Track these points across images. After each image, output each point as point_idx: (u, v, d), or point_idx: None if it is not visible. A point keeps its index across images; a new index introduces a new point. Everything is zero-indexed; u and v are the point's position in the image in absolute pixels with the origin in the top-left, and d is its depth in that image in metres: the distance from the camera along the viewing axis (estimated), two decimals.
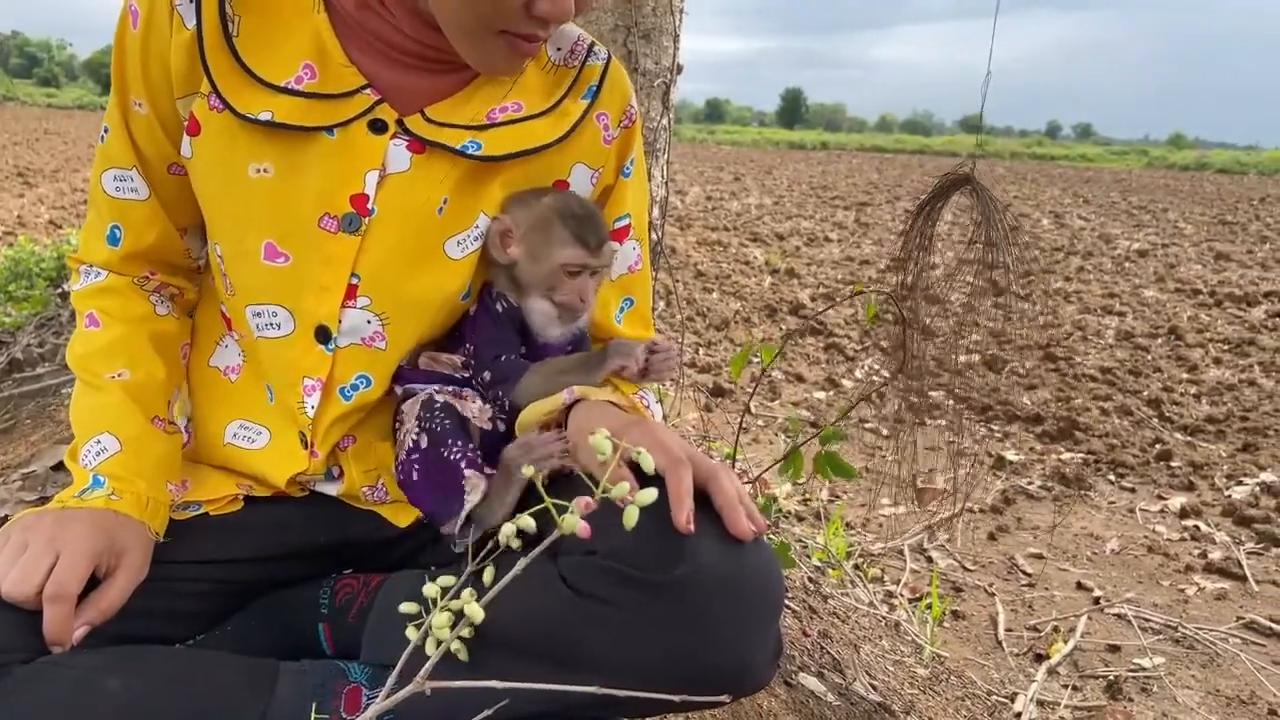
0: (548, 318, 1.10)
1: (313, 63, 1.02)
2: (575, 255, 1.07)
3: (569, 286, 1.08)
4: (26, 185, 10.84)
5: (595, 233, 1.08)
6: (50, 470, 1.82)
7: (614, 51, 2.12)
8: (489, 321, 1.11)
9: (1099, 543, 2.96)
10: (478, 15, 0.95)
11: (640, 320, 1.25)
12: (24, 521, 0.93)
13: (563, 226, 1.07)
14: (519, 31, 0.97)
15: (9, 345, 3.16)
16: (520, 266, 1.09)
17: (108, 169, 1.09)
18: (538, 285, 1.09)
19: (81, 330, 1.11)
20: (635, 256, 1.23)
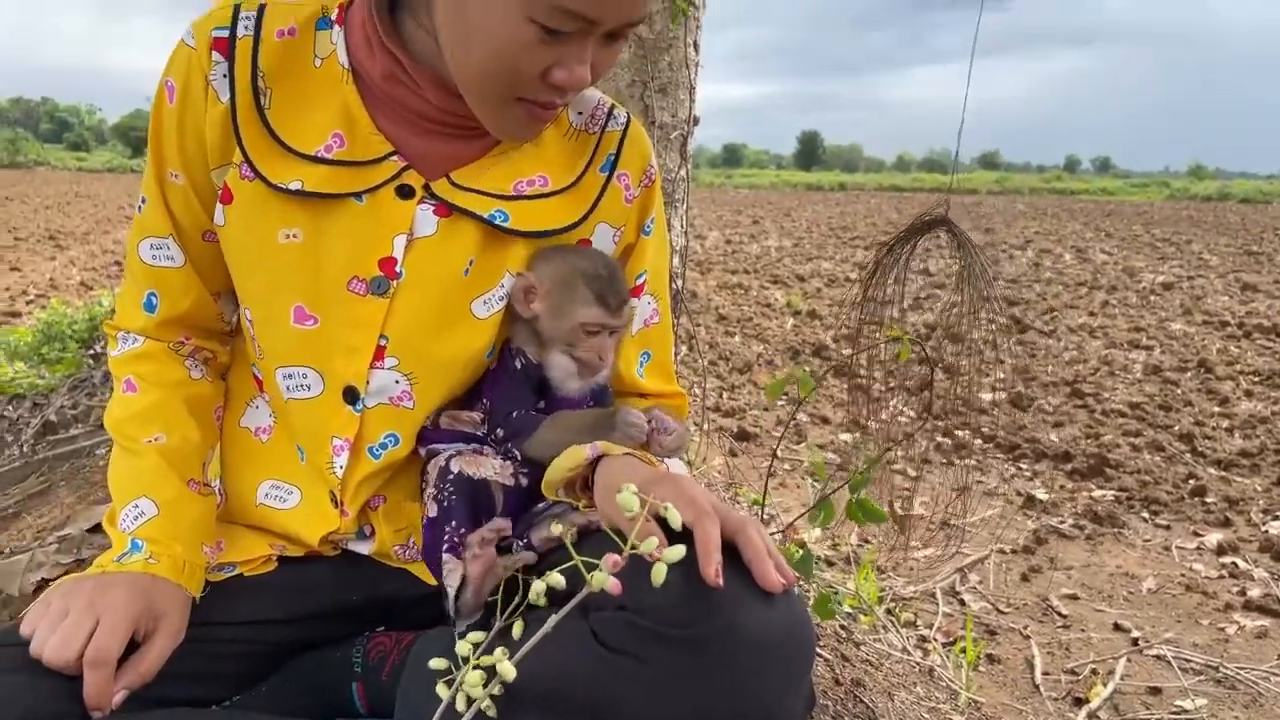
0: (567, 373, 1.12)
1: (341, 132, 1.05)
2: (595, 315, 1.10)
3: (588, 345, 1.11)
4: (58, 248, 11.05)
5: (616, 293, 1.11)
6: (85, 533, 1.84)
7: (631, 106, 2.16)
8: (506, 378, 1.13)
9: (1135, 582, 2.92)
10: (497, 84, 0.97)
11: (661, 372, 1.27)
12: (64, 587, 0.95)
13: (585, 286, 1.09)
14: (537, 99, 0.99)
15: (43, 407, 3.21)
16: (542, 322, 1.11)
17: (144, 238, 1.12)
18: (558, 341, 1.11)
19: (119, 395, 1.13)
20: (652, 310, 1.25)
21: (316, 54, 1.08)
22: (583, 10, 0.91)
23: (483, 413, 1.14)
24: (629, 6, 0.94)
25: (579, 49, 0.95)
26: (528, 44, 0.93)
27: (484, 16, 0.93)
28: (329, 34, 1.08)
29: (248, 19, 1.07)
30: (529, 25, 0.91)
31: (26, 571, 1.73)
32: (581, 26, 0.93)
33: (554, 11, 0.90)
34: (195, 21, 1.07)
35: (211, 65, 1.05)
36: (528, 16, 0.91)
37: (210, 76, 1.05)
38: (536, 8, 0.90)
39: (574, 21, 0.92)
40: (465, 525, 1.05)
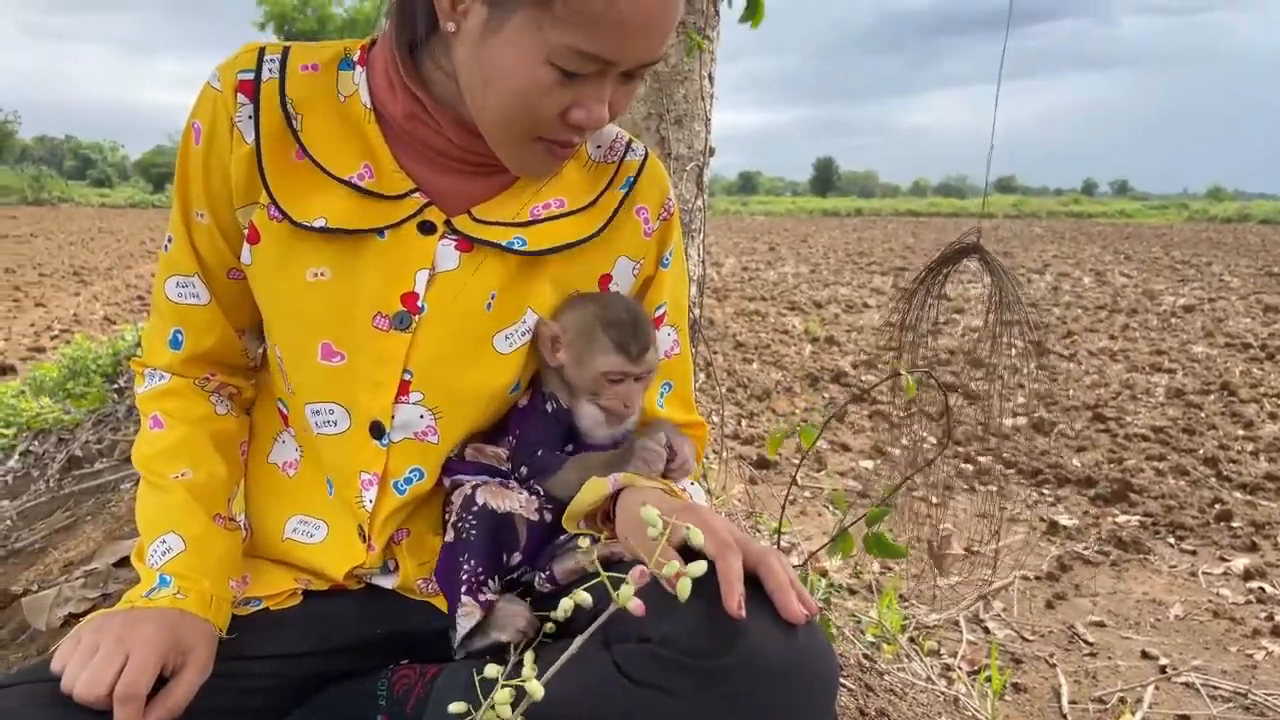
0: (595, 421, 1.14)
1: (369, 164, 1.08)
2: (615, 363, 1.10)
3: (612, 393, 1.12)
4: (82, 283, 11.18)
5: (637, 340, 1.11)
6: (111, 567, 1.86)
7: (647, 139, 2.18)
8: (536, 418, 1.14)
9: (1162, 608, 2.89)
10: (516, 125, 0.99)
11: (680, 403, 1.28)
12: (94, 623, 0.96)
13: (604, 334, 1.10)
14: (556, 138, 1.01)
15: (69, 442, 3.24)
16: (567, 370, 1.12)
17: (171, 276, 1.14)
18: (584, 389, 1.12)
19: (146, 432, 1.15)
20: (672, 342, 1.26)
21: (340, 92, 1.10)
22: (600, 53, 0.92)
23: (508, 449, 1.14)
24: (646, 48, 0.95)
25: (597, 89, 0.97)
26: (546, 86, 0.95)
27: (502, 59, 0.95)
28: (351, 75, 1.11)
29: (272, 61, 1.09)
30: (547, 68, 0.93)
31: (54, 606, 1.75)
32: (599, 68, 0.95)
33: (572, 54, 0.92)
34: (220, 65, 1.10)
35: (237, 107, 1.07)
36: (546, 59, 0.93)
37: (235, 118, 1.07)
38: (554, 51, 0.92)
39: (591, 64, 0.93)
40: (483, 563, 1.05)
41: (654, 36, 0.95)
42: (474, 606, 1.03)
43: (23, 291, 10.29)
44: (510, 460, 1.14)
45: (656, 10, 0.92)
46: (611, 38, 0.91)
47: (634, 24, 0.91)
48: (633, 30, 0.92)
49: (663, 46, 0.98)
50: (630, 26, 0.91)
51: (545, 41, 0.92)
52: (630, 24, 0.91)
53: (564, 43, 0.91)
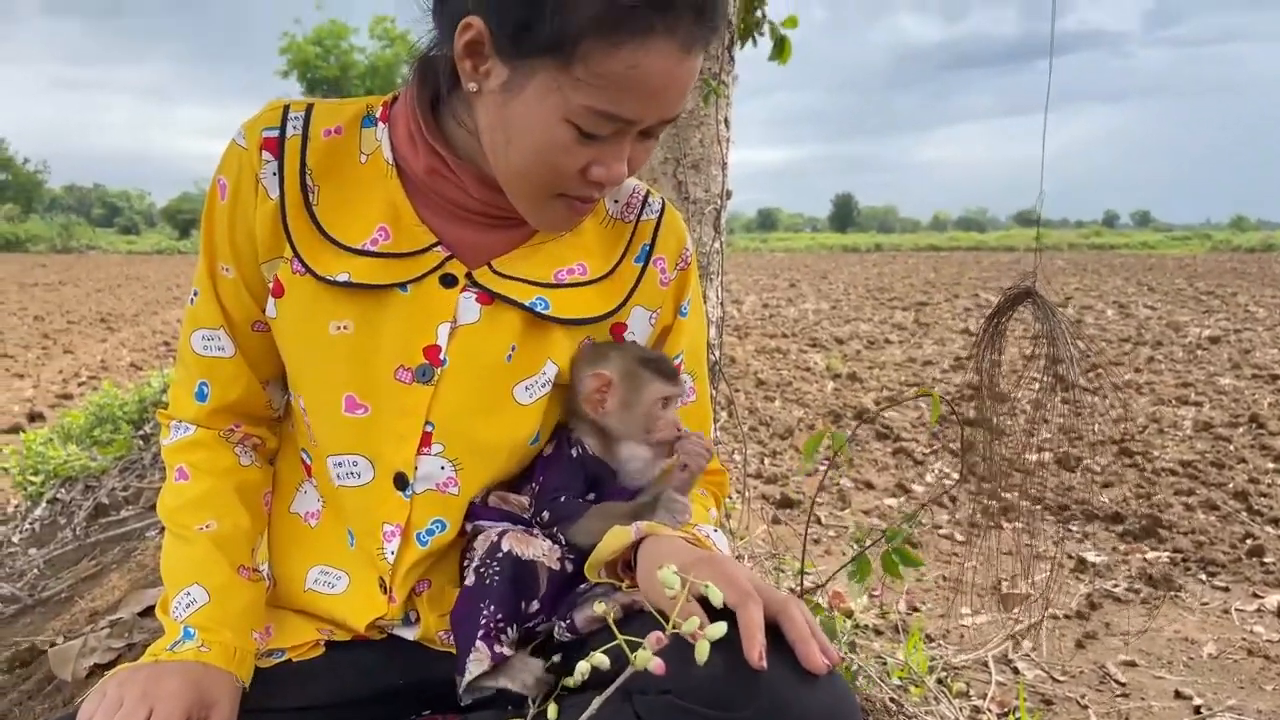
0: (644, 462, 1.18)
1: (387, 224, 1.09)
2: (663, 389, 1.15)
3: (664, 420, 1.16)
4: (109, 330, 11.33)
5: (670, 365, 1.18)
6: (137, 616, 1.87)
7: (665, 183, 2.20)
8: (561, 464, 1.15)
9: (1194, 647, 2.84)
10: (537, 182, 1.01)
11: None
12: (119, 677, 0.97)
13: (644, 369, 1.15)
14: (576, 195, 1.03)
15: (95, 490, 3.27)
16: (613, 418, 1.15)
17: (196, 329, 1.16)
18: (634, 431, 1.16)
19: (171, 484, 1.16)
20: (689, 389, 1.28)
21: (362, 150, 1.12)
22: (619, 113, 0.94)
23: (531, 496, 1.15)
24: (664, 108, 0.97)
25: (616, 147, 0.99)
26: (566, 144, 0.96)
27: (523, 119, 0.96)
28: (374, 131, 1.13)
29: (296, 119, 1.12)
30: (567, 127, 0.95)
31: (79, 657, 1.76)
32: (618, 127, 0.96)
33: (591, 115, 0.94)
34: (246, 122, 1.12)
35: (262, 164, 1.10)
36: (565, 119, 0.95)
37: (260, 174, 1.10)
38: (574, 111, 0.94)
39: (611, 123, 0.95)
40: (503, 610, 1.05)
41: (672, 97, 0.96)
42: (485, 654, 1.03)
43: (51, 339, 10.43)
44: (533, 507, 1.14)
45: (674, 72, 0.94)
46: (630, 99, 0.93)
47: (653, 86, 0.93)
48: (651, 92, 0.94)
49: (681, 105, 1.00)
50: (649, 88, 0.93)
51: (565, 102, 0.93)
52: (649, 86, 0.93)
53: (583, 103, 0.93)
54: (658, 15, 0.90)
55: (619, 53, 0.90)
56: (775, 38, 2.48)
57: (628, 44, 0.90)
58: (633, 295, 1.18)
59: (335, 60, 39.18)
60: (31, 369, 8.42)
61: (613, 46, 0.90)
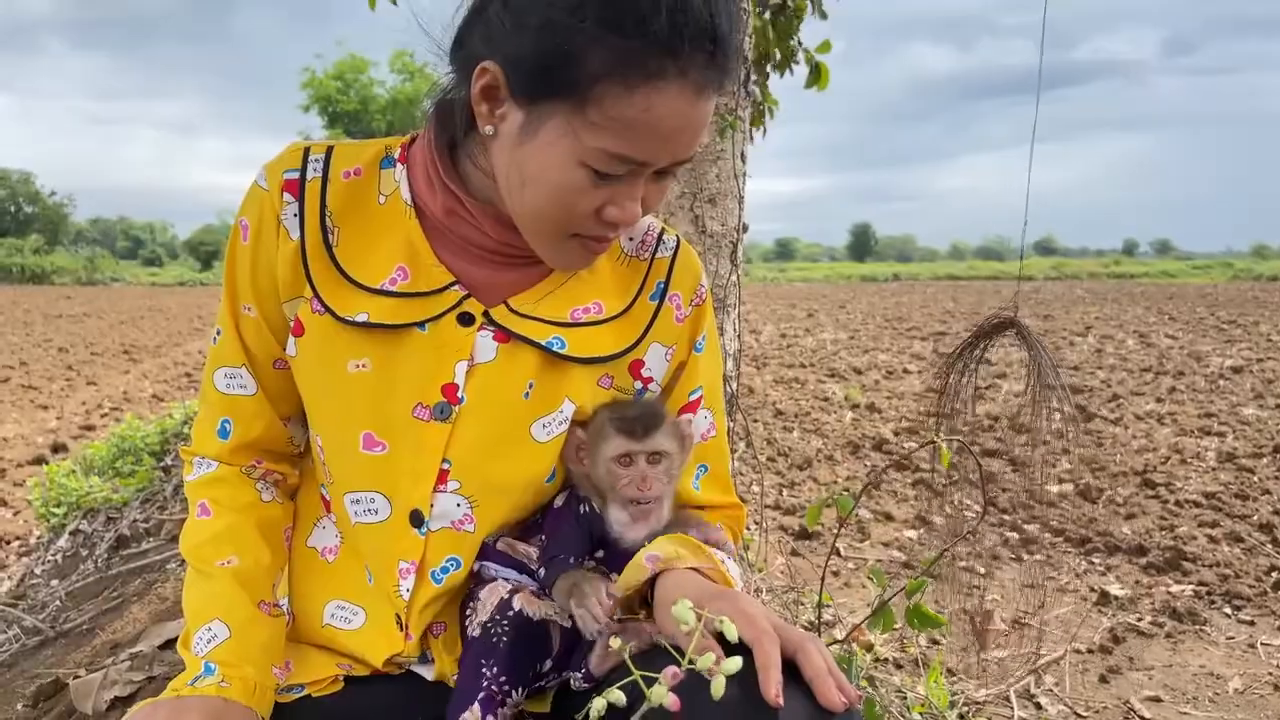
0: (623, 524, 1.12)
1: (405, 264, 1.11)
2: (619, 445, 1.10)
3: (626, 477, 1.11)
4: (132, 361, 11.43)
5: (643, 424, 1.11)
6: (157, 649, 1.88)
7: (682, 217, 2.22)
8: (567, 522, 1.15)
9: (1220, 682, 2.80)
10: (552, 222, 1.03)
11: (718, 484, 1.29)
12: (141, 713, 0.98)
13: (610, 425, 1.12)
14: (591, 234, 1.04)
15: (117, 521, 3.29)
16: (591, 474, 1.14)
17: (219, 368, 1.18)
18: (606, 488, 1.12)
19: (193, 521, 1.17)
20: (709, 425, 1.28)
21: (381, 192, 1.14)
22: (633, 155, 0.95)
23: (540, 547, 1.15)
24: (677, 149, 0.98)
25: (630, 188, 1.00)
26: (581, 186, 0.98)
27: (538, 162, 0.98)
28: (392, 172, 1.15)
29: (316, 161, 1.14)
30: (582, 169, 0.97)
31: (100, 690, 1.76)
32: (632, 169, 0.98)
33: (605, 157, 0.95)
34: (268, 164, 1.15)
35: (283, 205, 1.12)
36: (580, 161, 0.96)
37: (281, 216, 1.12)
38: (588, 153, 0.95)
39: (624, 165, 0.96)
40: (507, 672, 1.04)
41: (686, 139, 0.98)
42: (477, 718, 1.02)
43: (75, 370, 10.54)
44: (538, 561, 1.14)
45: (688, 114, 0.95)
46: (644, 141, 0.95)
47: (666, 128, 0.94)
48: (665, 134, 0.95)
49: (694, 147, 1.01)
50: (663, 131, 0.94)
51: (580, 144, 0.95)
52: (663, 128, 0.94)
53: (598, 146, 0.94)
54: (670, 59, 0.91)
55: (632, 96, 0.92)
56: (811, 64, 2.50)
57: (641, 87, 0.91)
58: (648, 332, 1.19)
59: (355, 94, 39.61)
60: (55, 400, 8.51)
61: (626, 90, 0.91)
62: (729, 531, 1.29)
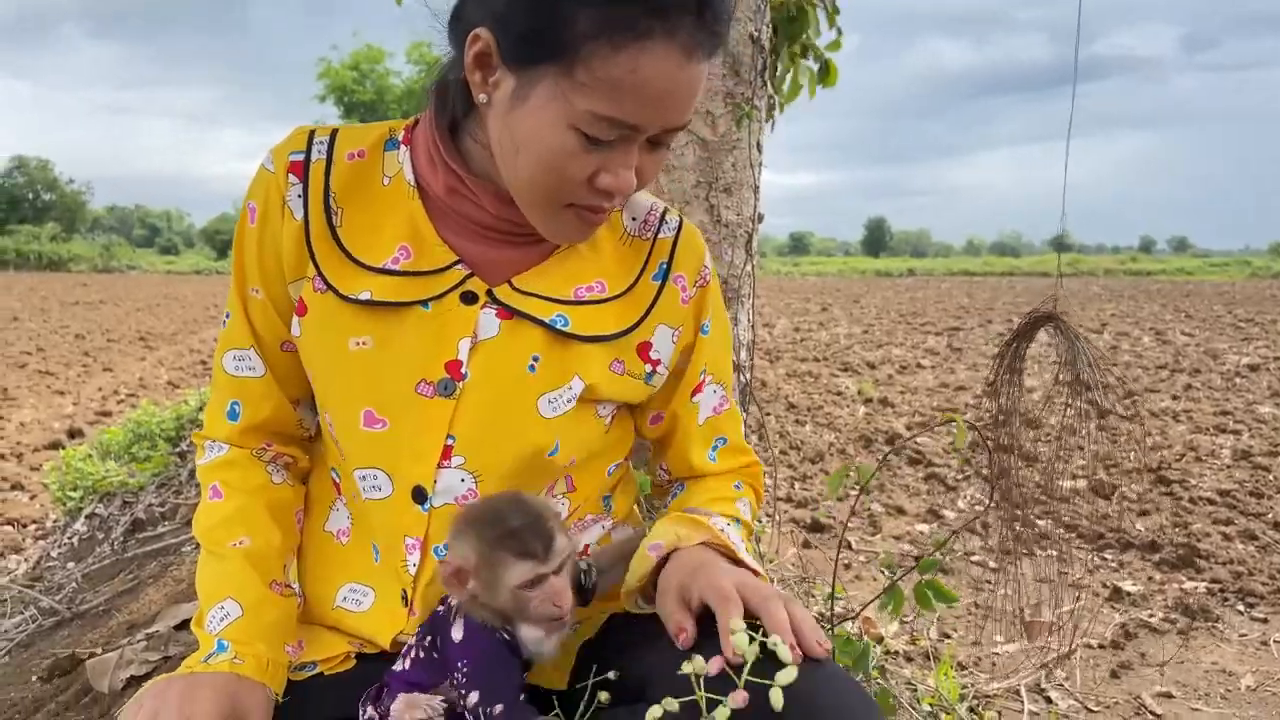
0: (538, 642, 1.03)
1: (408, 244, 1.12)
2: (526, 571, 0.98)
3: (538, 599, 0.99)
4: (148, 349, 11.50)
5: (540, 538, 0.99)
6: (172, 630, 1.89)
7: (697, 207, 2.22)
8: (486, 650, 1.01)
9: (1232, 679, 2.79)
10: (546, 191, 1.03)
11: (734, 451, 1.32)
12: (156, 688, 0.99)
13: (504, 550, 0.98)
14: (585, 204, 1.04)
15: (133, 505, 3.32)
16: (483, 599, 1.01)
17: (228, 350, 1.19)
18: (512, 611, 1.01)
19: (205, 503, 1.19)
20: (719, 399, 1.29)
21: (384, 173, 1.15)
22: (622, 118, 0.95)
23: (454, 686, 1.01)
24: (668, 114, 0.98)
25: (623, 155, 1.00)
26: (572, 151, 0.98)
27: (530, 127, 0.98)
28: (396, 154, 1.16)
29: (321, 143, 1.15)
30: (572, 133, 0.96)
31: (116, 669, 1.78)
32: (623, 133, 0.97)
33: (595, 120, 0.95)
34: (274, 148, 1.16)
35: (288, 186, 1.13)
36: (570, 125, 0.96)
37: (286, 197, 1.13)
38: (578, 117, 0.95)
39: (615, 129, 0.96)
40: None
41: (676, 103, 0.97)
42: None
43: (91, 356, 10.61)
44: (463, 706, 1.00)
45: (676, 77, 0.94)
46: (632, 103, 0.94)
47: (654, 90, 0.94)
48: (653, 96, 0.94)
49: (687, 113, 1.00)
50: (650, 92, 0.94)
51: (569, 107, 0.95)
52: (650, 90, 0.94)
53: (587, 108, 0.94)
54: (658, 19, 0.91)
55: (619, 56, 0.91)
56: (820, 61, 2.50)
57: (628, 47, 0.91)
58: (651, 313, 1.19)
59: (371, 85, 39.65)
60: (72, 386, 8.57)
61: (613, 50, 0.91)
62: (750, 490, 1.32)
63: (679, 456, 1.30)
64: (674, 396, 1.28)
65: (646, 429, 1.31)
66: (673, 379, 1.27)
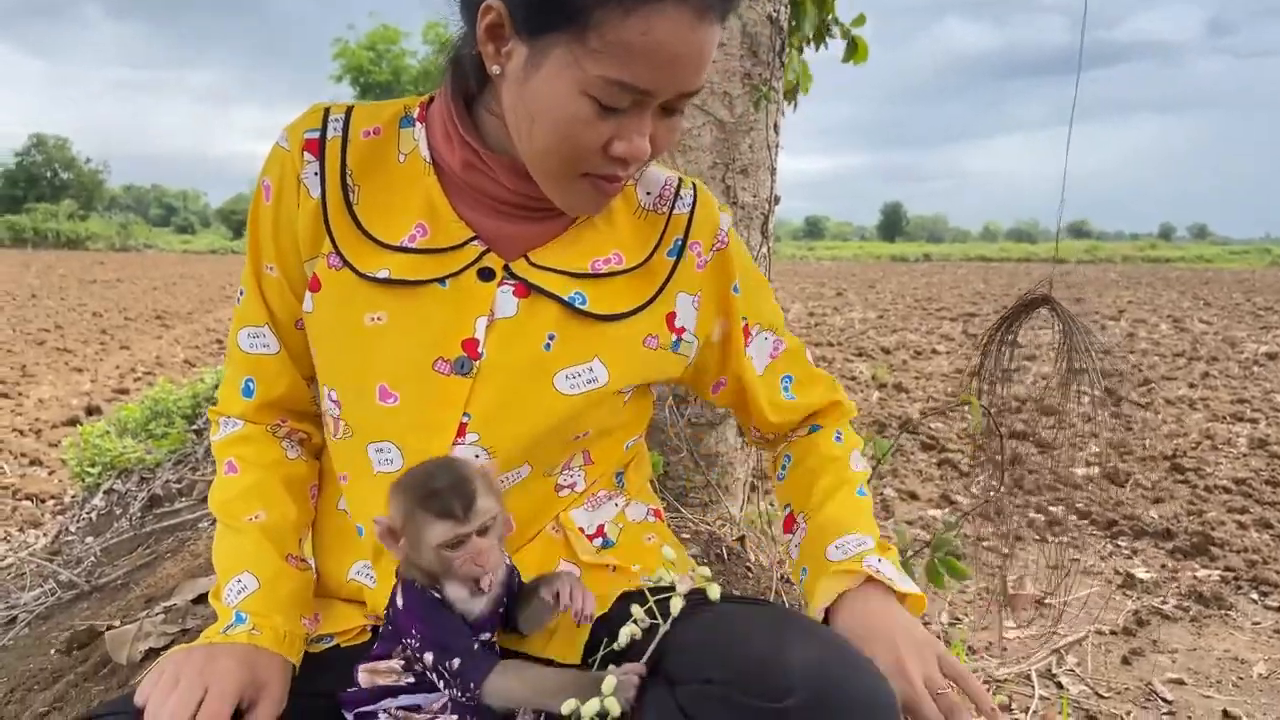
0: (465, 601, 1.04)
1: (425, 221, 1.12)
2: (445, 530, 1.00)
3: (460, 558, 1.01)
4: (164, 327, 11.56)
5: (461, 498, 1.00)
6: (190, 603, 1.91)
7: (713, 188, 2.21)
8: (428, 611, 1.04)
9: (1244, 666, 2.78)
10: (560, 160, 1.02)
11: (806, 384, 1.33)
12: (175, 657, 1.00)
13: (425, 509, 1.00)
14: (600, 173, 1.04)
15: (150, 481, 3.34)
16: (411, 556, 1.04)
17: (243, 327, 1.20)
18: (439, 570, 1.03)
19: (221, 477, 1.20)
20: (772, 343, 1.30)
21: (400, 150, 1.15)
22: (635, 83, 0.95)
23: (410, 651, 1.05)
24: (681, 79, 0.97)
25: (636, 122, 1.00)
26: (586, 119, 0.98)
27: (543, 95, 0.98)
28: (411, 131, 1.16)
29: (336, 121, 1.15)
30: (585, 100, 0.96)
31: (135, 641, 1.80)
32: (636, 99, 0.97)
33: (607, 86, 0.95)
34: (288, 125, 1.16)
35: (304, 164, 1.13)
36: (583, 92, 0.96)
37: (302, 175, 1.13)
38: (590, 83, 0.95)
39: (628, 94, 0.96)
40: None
41: (687, 67, 0.97)
42: None
43: (109, 334, 10.67)
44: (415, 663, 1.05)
45: (688, 39, 0.94)
46: (644, 67, 0.94)
47: (666, 54, 0.94)
48: (665, 60, 0.94)
49: (699, 77, 1.00)
50: (663, 56, 0.94)
51: (582, 74, 0.95)
52: (662, 54, 0.93)
53: (599, 74, 0.94)
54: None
55: (630, 19, 0.91)
56: (847, 38, 2.48)
57: (639, 10, 0.91)
58: (668, 285, 1.19)
59: (387, 65, 39.60)
60: (89, 364, 8.63)
61: (624, 13, 0.91)
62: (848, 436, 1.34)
63: (758, 413, 1.31)
64: (728, 361, 1.28)
65: (712, 396, 1.33)
66: (720, 345, 1.27)
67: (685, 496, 2.48)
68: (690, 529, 2.41)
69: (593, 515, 1.23)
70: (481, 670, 1.01)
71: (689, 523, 2.42)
